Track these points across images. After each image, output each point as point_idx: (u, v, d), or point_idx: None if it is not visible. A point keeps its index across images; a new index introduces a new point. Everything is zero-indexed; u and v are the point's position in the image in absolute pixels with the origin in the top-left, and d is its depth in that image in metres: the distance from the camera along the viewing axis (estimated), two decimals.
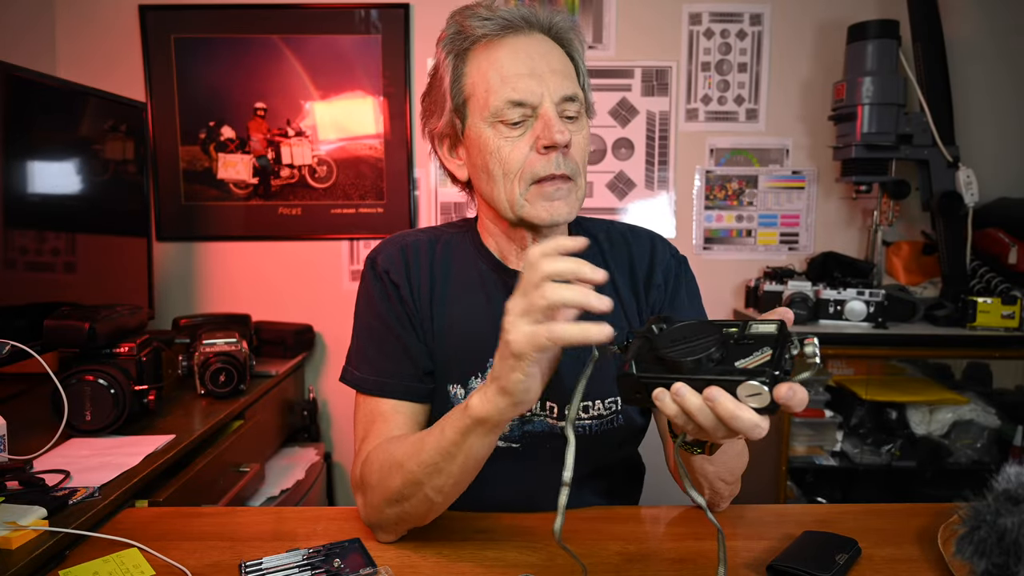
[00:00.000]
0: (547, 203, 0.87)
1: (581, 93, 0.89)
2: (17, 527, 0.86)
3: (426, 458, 0.77)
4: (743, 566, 0.81)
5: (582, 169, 0.89)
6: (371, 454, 0.86)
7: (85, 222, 1.72)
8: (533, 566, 0.81)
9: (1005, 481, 0.72)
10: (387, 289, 0.95)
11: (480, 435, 0.74)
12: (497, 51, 0.87)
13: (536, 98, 0.85)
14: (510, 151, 0.86)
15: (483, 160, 0.88)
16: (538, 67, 0.86)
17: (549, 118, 0.84)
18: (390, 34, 2.26)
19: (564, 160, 0.86)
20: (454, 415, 0.76)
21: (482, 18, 0.87)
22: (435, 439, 0.77)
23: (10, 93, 1.45)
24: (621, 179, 2.36)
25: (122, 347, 1.41)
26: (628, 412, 0.98)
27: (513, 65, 0.86)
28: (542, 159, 0.85)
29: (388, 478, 0.81)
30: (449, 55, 0.90)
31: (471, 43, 0.88)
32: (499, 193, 0.88)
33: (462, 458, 0.76)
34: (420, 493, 0.79)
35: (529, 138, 0.86)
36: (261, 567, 0.80)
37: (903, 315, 2.04)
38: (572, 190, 0.88)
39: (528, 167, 0.86)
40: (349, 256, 2.35)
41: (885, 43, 2.08)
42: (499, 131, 0.86)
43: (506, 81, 0.85)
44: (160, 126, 2.26)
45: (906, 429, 2.05)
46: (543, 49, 0.88)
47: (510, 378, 0.68)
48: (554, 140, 0.83)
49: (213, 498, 1.38)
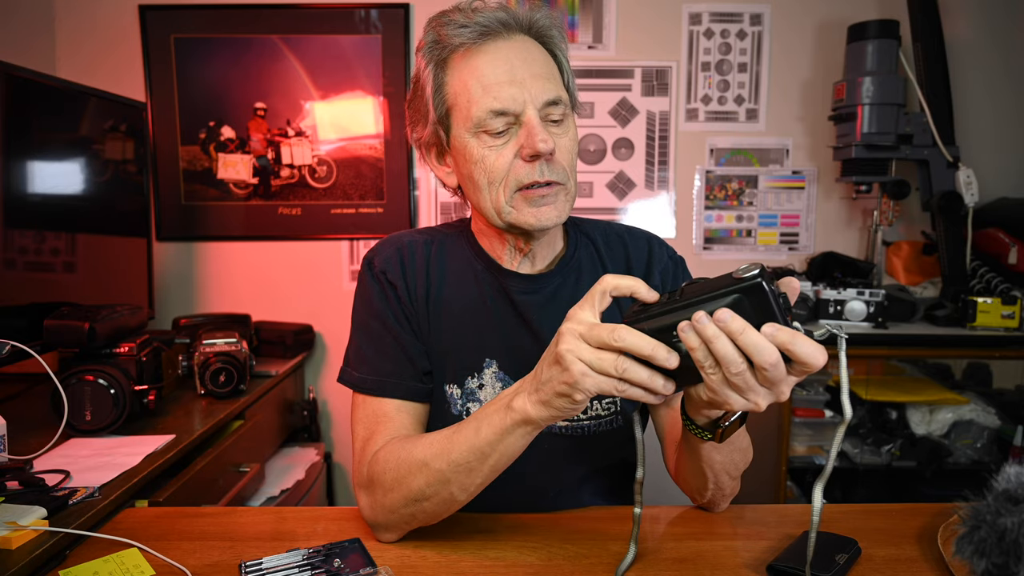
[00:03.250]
0: (534, 209, 0.86)
1: (565, 94, 0.88)
2: (17, 527, 0.86)
3: (457, 457, 0.77)
4: (743, 566, 0.81)
5: (571, 171, 0.88)
6: (380, 454, 0.85)
7: (85, 222, 1.72)
8: (533, 566, 0.81)
9: (1005, 481, 0.72)
10: (384, 289, 0.95)
11: (520, 435, 0.74)
12: (476, 59, 0.85)
13: (518, 106, 0.84)
14: (495, 160, 0.85)
15: (468, 169, 0.88)
16: (519, 73, 0.84)
17: (532, 126, 0.83)
18: (390, 34, 2.26)
19: (549, 167, 0.85)
20: (492, 415, 0.75)
21: (459, 25, 0.85)
22: (467, 438, 0.77)
23: (10, 93, 1.45)
24: (621, 179, 2.36)
25: (122, 347, 1.41)
26: (627, 413, 0.98)
27: (493, 73, 0.84)
28: (527, 167, 0.85)
29: (409, 478, 0.80)
30: (429, 65, 0.88)
31: (450, 52, 0.87)
32: (485, 201, 0.88)
33: (496, 456, 0.76)
34: (445, 492, 0.79)
35: (513, 146, 0.85)
36: (261, 567, 0.80)
37: (903, 315, 2.05)
38: (560, 194, 0.87)
39: (513, 175, 0.85)
40: (349, 256, 2.35)
41: (885, 43, 2.08)
42: (483, 141, 0.85)
43: (487, 90, 0.84)
44: (160, 126, 2.26)
45: (906, 429, 2.05)
46: (524, 53, 0.86)
47: (556, 403, 0.69)
48: (537, 150, 0.82)
49: (213, 498, 1.38)
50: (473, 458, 0.76)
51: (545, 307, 0.95)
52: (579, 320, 0.68)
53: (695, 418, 0.75)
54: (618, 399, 0.97)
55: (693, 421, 0.75)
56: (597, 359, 0.65)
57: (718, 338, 0.60)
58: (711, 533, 0.90)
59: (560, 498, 0.98)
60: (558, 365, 0.67)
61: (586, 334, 0.66)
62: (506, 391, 0.77)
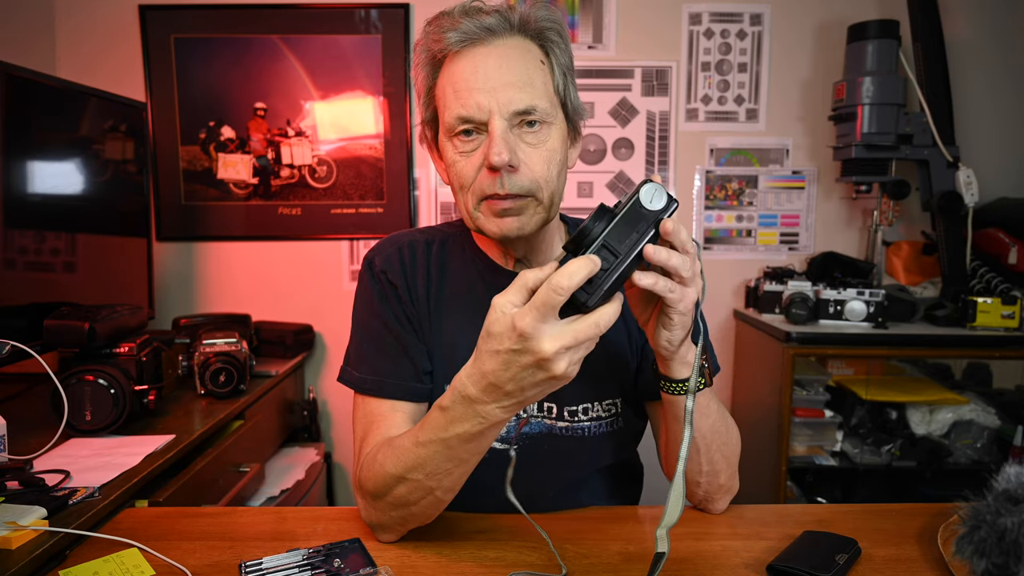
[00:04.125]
0: (497, 219, 0.85)
1: (543, 102, 0.84)
2: (17, 527, 0.86)
3: (432, 468, 0.77)
4: (743, 566, 0.81)
5: (544, 182, 0.85)
6: (367, 461, 0.86)
7: (85, 222, 1.72)
8: (533, 566, 0.81)
9: (1005, 481, 0.72)
10: (385, 289, 0.95)
11: (493, 434, 0.75)
12: (457, 64, 0.85)
13: (483, 114, 0.82)
14: (463, 166, 0.85)
15: (446, 172, 0.89)
16: (490, 80, 0.82)
17: (492, 137, 0.81)
18: (390, 34, 2.26)
19: (510, 179, 0.83)
20: (461, 422, 0.72)
21: (446, 30, 0.84)
22: (438, 451, 0.75)
23: (10, 93, 1.45)
24: (621, 179, 2.36)
25: (122, 347, 1.41)
26: (627, 414, 0.98)
27: (466, 79, 0.83)
28: (489, 178, 0.83)
29: (392, 489, 0.81)
30: (420, 65, 0.89)
31: (441, 55, 0.87)
32: (460, 204, 0.89)
33: (474, 457, 0.77)
34: (429, 496, 0.80)
35: (480, 154, 0.84)
36: (261, 567, 0.80)
37: (903, 315, 2.04)
38: (530, 206, 0.85)
39: (478, 183, 0.85)
40: (349, 256, 2.35)
41: (885, 43, 2.08)
42: (455, 145, 0.85)
43: (458, 96, 0.83)
44: (160, 126, 2.26)
45: (906, 429, 2.05)
46: (502, 60, 0.83)
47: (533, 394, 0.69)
48: (491, 162, 0.81)
49: (213, 498, 1.38)
50: (450, 464, 0.77)
51: None
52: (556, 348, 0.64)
53: (669, 374, 0.80)
54: (618, 401, 0.97)
55: (669, 379, 0.80)
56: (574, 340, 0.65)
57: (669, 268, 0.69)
58: (711, 533, 0.90)
59: (560, 498, 0.98)
60: (552, 377, 0.66)
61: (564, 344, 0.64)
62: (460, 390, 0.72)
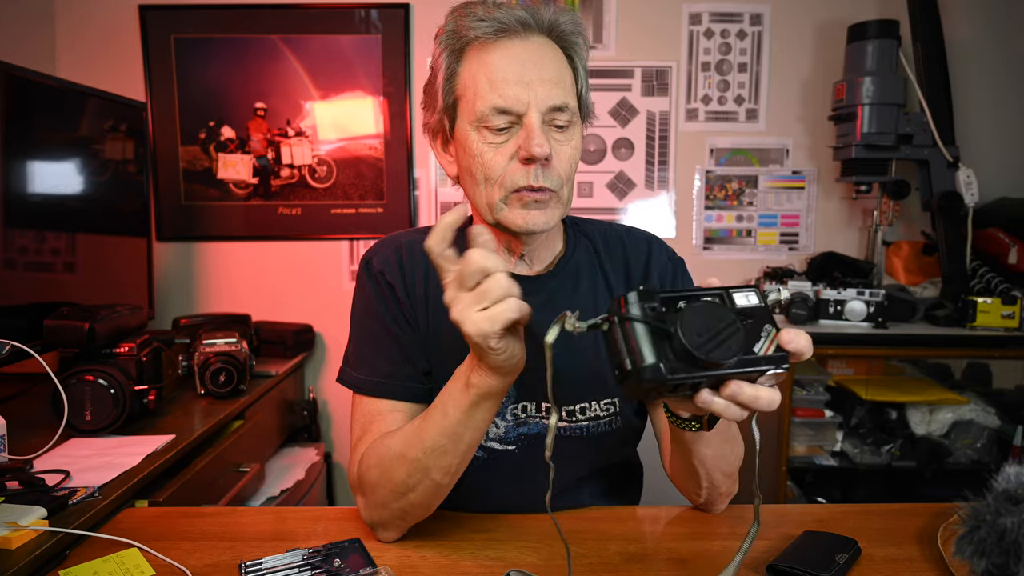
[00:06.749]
0: (524, 211, 0.86)
1: (573, 102, 0.87)
2: (17, 527, 0.86)
3: (431, 443, 0.78)
4: (743, 566, 0.81)
5: (567, 180, 0.87)
6: (365, 454, 0.86)
7: (85, 222, 1.72)
8: (533, 566, 0.81)
9: (1005, 481, 0.72)
10: (383, 290, 0.95)
11: (486, 408, 0.76)
12: (489, 54, 0.85)
13: (522, 106, 0.83)
14: (492, 157, 0.85)
15: (467, 162, 0.88)
16: (528, 74, 0.84)
17: (532, 129, 0.83)
18: (390, 34, 2.26)
19: (544, 173, 0.84)
20: (454, 395, 0.77)
21: (478, 18, 0.85)
22: (437, 422, 0.78)
23: (10, 93, 1.45)
24: (621, 179, 2.36)
25: (122, 347, 1.41)
26: (626, 413, 0.98)
27: (503, 71, 0.84)
28: (522, 169, 0.84)
29: (391, 471, 0.81)
30: (444, 52, 0.89)
31: (465, 43, 0.87)
32: (479, 196, 0.88)
33: (469, 434, 0.78)
34: (427, 479, 0.80)
35: (512, 146, 0.85)
36: (261, 567, 0.80)
37: (903, 315, 2.04)
38: (552, 200, 0.87)
39: (508, 175, 0.85)
40: (349, 256, 2.35)
41: (885, 43, 2.08)
42: (483, 136, 0.85)
43: (494, 87, 0.84)
44: (160, 126, 2.26)
45: (906, 429, 2.05)
46: (537, 55, 0.86)
47: (490, 359, 0.70)
48: (532, 153, 0.82)
49: (213, 498, 1.38)
50: (446, 440, 0.78)
51: (542, 309, 0.95)
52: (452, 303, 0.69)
53: (679, 413, 0.75)
54: (616, 400, 0.97)
55: (677, 416, 0.75)
56: (476, 297, 0.67)
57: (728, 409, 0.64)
58: (711, 533, 0.90)
59: (560, 498, 0.97)
60: (467, 338, 0.69)
61: (462, 300, 0.68)
62: (461, 368, 0.77)
